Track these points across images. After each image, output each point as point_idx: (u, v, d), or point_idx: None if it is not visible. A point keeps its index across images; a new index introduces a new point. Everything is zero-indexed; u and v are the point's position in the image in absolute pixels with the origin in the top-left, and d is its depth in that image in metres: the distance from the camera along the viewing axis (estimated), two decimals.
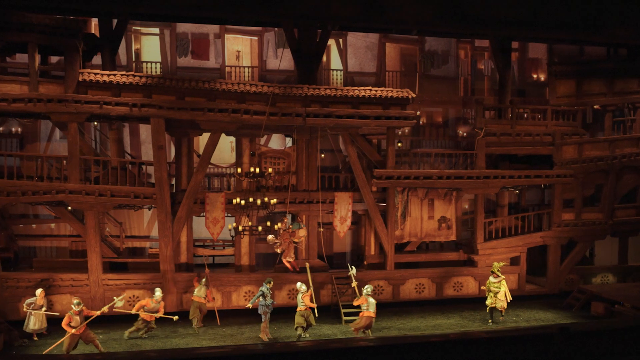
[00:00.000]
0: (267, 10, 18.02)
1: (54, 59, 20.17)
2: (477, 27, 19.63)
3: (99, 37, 18.74)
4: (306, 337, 16.41)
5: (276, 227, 16.68)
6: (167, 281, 18.28)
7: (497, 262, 19.00)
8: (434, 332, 16.98)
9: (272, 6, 17.98)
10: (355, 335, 16.31)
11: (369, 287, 16.55)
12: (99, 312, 15.20)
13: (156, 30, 21.87)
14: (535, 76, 25.27)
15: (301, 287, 16.62)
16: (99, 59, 18.75)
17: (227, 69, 22.25)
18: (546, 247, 21.60)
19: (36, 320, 16.20)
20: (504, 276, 18.60)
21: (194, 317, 17.07)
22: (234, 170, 19.10)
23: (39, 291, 16.43)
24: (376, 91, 19.36)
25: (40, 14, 16.96)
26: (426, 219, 20.79)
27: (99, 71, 17.56)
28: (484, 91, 24.43)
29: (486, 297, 18.52)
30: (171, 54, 21.92)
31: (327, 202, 19.71)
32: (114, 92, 17.54)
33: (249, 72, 22.37)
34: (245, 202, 17.04)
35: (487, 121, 20.77)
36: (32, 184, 17.30)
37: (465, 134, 23.71)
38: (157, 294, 16.56)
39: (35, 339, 16.22)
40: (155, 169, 18.08)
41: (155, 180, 18.16)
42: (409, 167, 20.72)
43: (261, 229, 16.83)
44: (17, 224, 20.03)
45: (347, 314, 18.36)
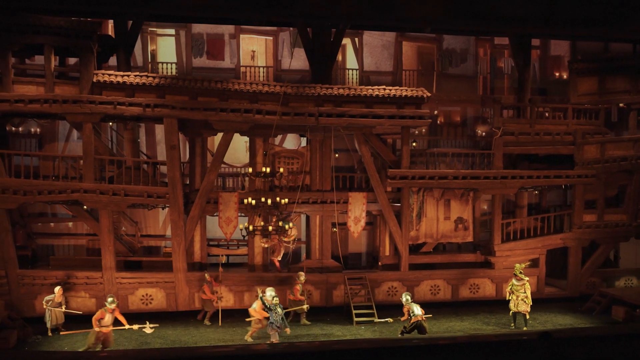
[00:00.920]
0: (276, 10, 18.04)
1: (72, 61, 20.50)
2: (490, 25, 19.27)
3: (115, 39, 19.00)
4: (306, 323, 17.74)
5: (270, 227, 16.66)
6: (179, 280, 18.40)
7: (519, 264, 18.42)
8: (444, 335, 16.68)
9: (281, 6, 17.97)
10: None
11: (406, 294, 16.90)
12: (127, 326, 15.04)
13: (172, 31, 22.07)
14: (557, 74, 24.70)
15: (300, 277, 17.51)
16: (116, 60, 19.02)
17: (242, 69, 22.32)
18: (568, 249, 21.07)
19: (54, 316, 16.45)
20: (528, 278, 18.04)
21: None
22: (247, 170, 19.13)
23: (57, 289, 16.65)
24: (390, 90, 19.16)
25: (55, 16, 17.28)
26: (442, 220, 20.47)
27: (113, 72, 17.79)
28: (504, 90, 23.97)
29: (505, 299, 18.06)
30: (187, 54, 22.09)
31: (341, 202, 19.59)
32: (128, 93, 17.74)
33: (264, 72, 22.40)
34: (256, 202, 17.05)
35: (504, 120, 20.36)
36: (48, 184, 17.62)
37: (484, 134, 23.31)
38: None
39: (50, 334, 16.43)
40: (168, 168, 18.23)
41: (168, 179, 18.31)
42: (425, 167, 20.43)
43: (271, 229, 16.82)
44: (36, 223, 20.43)
45: (358, 315, 18.21)
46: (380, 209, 19.91)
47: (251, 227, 16.80)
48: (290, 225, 17.70)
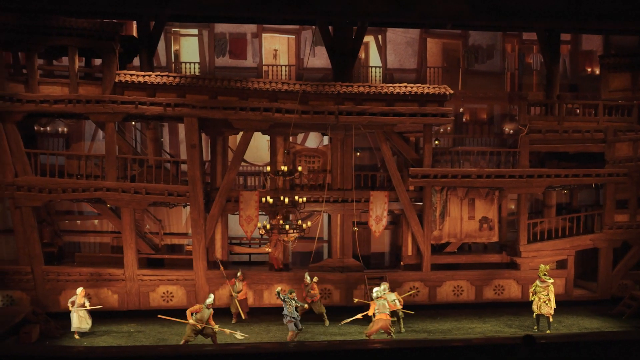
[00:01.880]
0: (295, 8, 17.95)
1: (97, 62, 20.86)
2: (513, 19, 18.75)
3: (138, 39, 19.26)
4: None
5: (268, 225, 16.53)
6: (199, 278, 18.54)
7: (543, 265, 17.93)
8: (465, 337, 16.33)
9: (301, 4, 17.88)
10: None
11: (376, 289, 16.05)
12: (217, 328, 15.10)
13: (195, 31, 22.25)
14: (589, 69, 23.91)
15: (306, 278, 17.62)
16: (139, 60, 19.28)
17: (265, 68, 22.34)
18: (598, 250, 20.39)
19: (80, 319, 16.27)
20: (552, 280, 17.49)
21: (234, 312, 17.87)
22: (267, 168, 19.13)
23: (80, 290, 16.49)
24: (411, 88, 18.87)
25: (79, 18, 17.62)
26: (466, 219, 20.06)
27: (134, 72, 18.04)
28: (533, 86, 23.34)
29: (530, 301, 17.59)
30: (209, 54, 22.25)
31: (363, 201, 19.40)
32: (149, 93, 17.97)
33: (286, 71, 22.38)
34: (274, 200, 17.03)
35: (531, 117, 19.85)
36: (72, 182, 18.00)
37: (511, 131, 22.73)
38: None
39: (77, 337, 16.22)
40: (188, 167, 18.39)
41: (188, 178, 18.47)
42: (450, 165, 20.05)
43: (288, 227, 16.74)
44: (63, 220, 20.89)
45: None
46: (402, 208, 19.64)
47: (268, 226, 16.76)
48: (308, 224, 17.55)
